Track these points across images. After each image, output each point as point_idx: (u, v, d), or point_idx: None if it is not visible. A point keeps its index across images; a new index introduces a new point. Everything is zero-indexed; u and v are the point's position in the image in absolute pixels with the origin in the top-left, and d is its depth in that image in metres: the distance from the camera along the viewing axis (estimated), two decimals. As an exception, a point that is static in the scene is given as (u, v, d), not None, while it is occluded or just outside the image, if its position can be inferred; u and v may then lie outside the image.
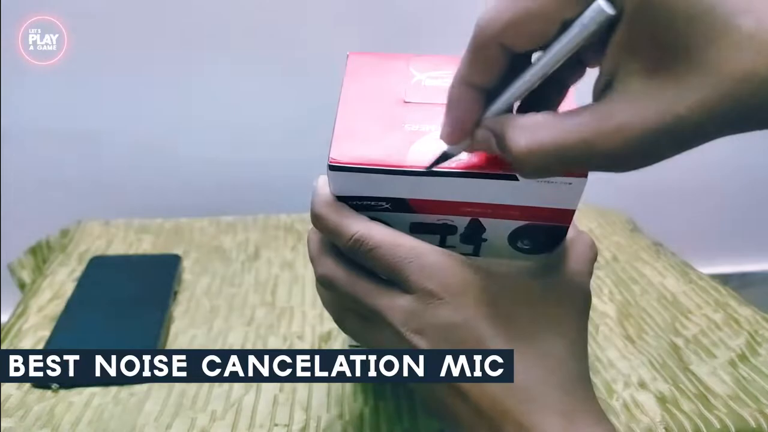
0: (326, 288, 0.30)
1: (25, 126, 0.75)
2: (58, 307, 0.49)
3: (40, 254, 0.63)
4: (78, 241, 0.60)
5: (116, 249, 0.59)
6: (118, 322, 0.46)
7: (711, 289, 0.53)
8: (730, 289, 0.53)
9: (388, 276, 0.27)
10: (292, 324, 0.49)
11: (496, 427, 0.26)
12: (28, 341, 0.46)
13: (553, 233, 0.29)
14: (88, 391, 0.41)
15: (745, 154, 0.87)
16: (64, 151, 0.78)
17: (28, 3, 0.61)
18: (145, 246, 0.60)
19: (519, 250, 0.30)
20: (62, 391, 0.40)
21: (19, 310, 0.50)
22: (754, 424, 0.38)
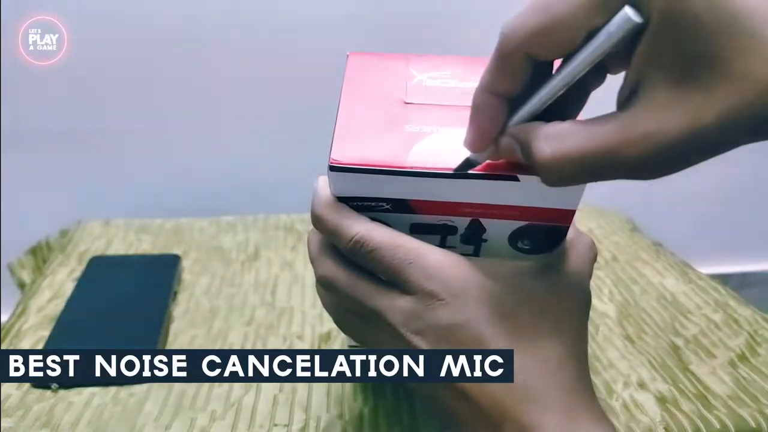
0: (326, 289, 0.30)
1: (25, 126, 0.75)
2: (57, 307, 0.49)
3: (40, 254, 0.63)
4: (78, 241, 0.60)
5: (116, 249, 0.59)
6: (118, 322, 0.46)
7: (711, 289, 0.53)
8: (730, 289, 0.53)
9: (388, 277, 0.27)
10: (292, 324, 0.49)
11: (496, 426, 0.26)
12: (27, 341, 0.46)
13: (553, 234, 0.29)
14: (88, 391, 0.41)
15: (745, 153, 0.87)
16: (64, 151, 0.78)
17: (28, 3, 0.61)
18: (145, 246, 0.60)
19: (519, 250, 0.30)
20: (62, 391, 0.41)
21: (19, 310, 0.50)
22: (753, 424, 0.38)
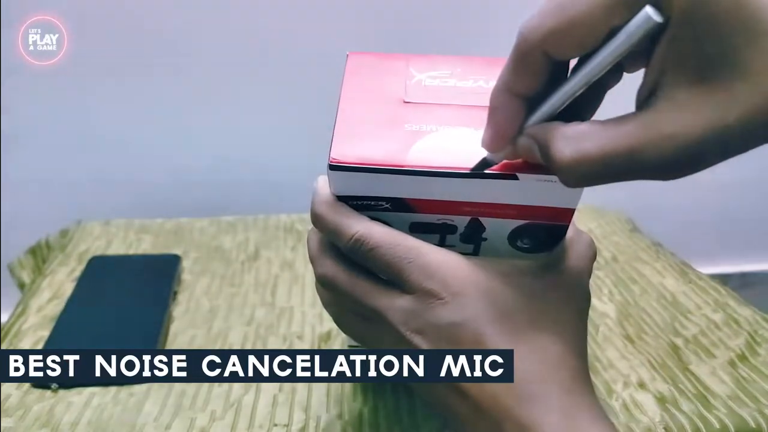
0: (326, 288, 0.30)
1: (25, 126, 0.75)
2: (57, 307, 0.49)
3: (40, 254, 0.63)
4: (78, 241, 0.60)
5: (116, 249, 0.59)
6: (118, 322, 0.46)
7: (710, 289, 0.53)
8: (730, 289, 0.53)
9: (388, 276, 0.28)
10: (292, 324, 0.49)
11: (496, 425, 0.26)
12: (27, 341, 0.46)
13: (553, 232, 0.29)
14: (88, 391, 0.41)
15: (745, 153, 0.87)
16: (64, 151, 0.78)
17: (28, 3, 0.61)
18: (145, 246, 0.60)
19: (519, 249, 0.30)
20: (62, 391, 0.41)
21: (19, 310, 0.50)
22: (753, 424, 0.38)
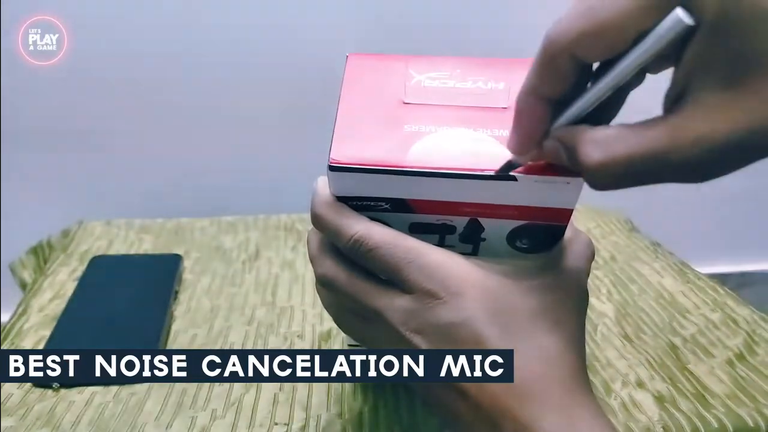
0: (326, 288, 0.30)
1: (25, 126, 0.75)
2: (58, 306, 0.49)
3: (42, 254, 0.63)
4: (79, 241, 0.60)
5: (117, 249, 0.59)
6: (120, 321, 0.47)
7: (709, 289, 0.53)
8: (728, 289, 0.53)
9: (387, 276, 0.28)
10: (292, 323, 0.49)
11: (495, 424, 0.26)
12: (28, 341, 0.46)
13: (552, 232, 0.29)
14: (89, 390, 0.41)
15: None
16: (64, 151, 0.78)
17: (28, 3, 0.62)
18: (146, 246, 0.60)
19: (517, 249, 0.30)
20: (63, 391, 0.41)
21: (20, 310, 0.50)
22: (752, 424, 0.38)
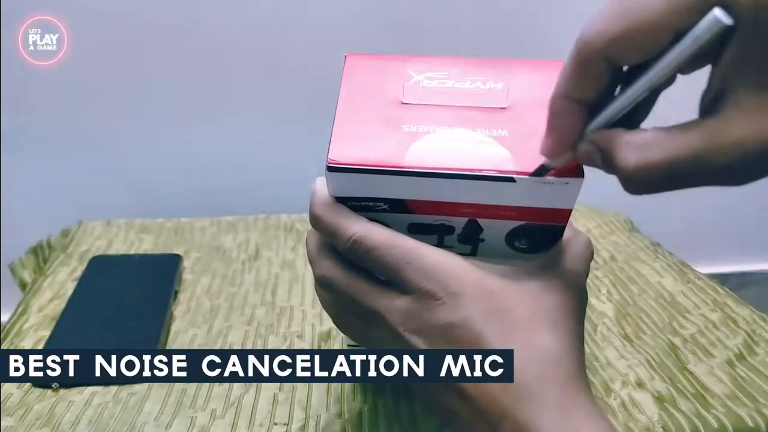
0: (325, 289, 0.30)
1: (25, 126, 0.75)
2: (58, 306, 0.49)
3: (41, 254, 0.63)
4: (79, 241, 0.60)
5: (117, 249, 0.59)
6: (119, 321, 0.47)
7: (709, 289, 0.53)
8: (728, 289, 0.53)
9: (386, 277, 0.28)
10: (292, 323, 0.49)
11: (494, 424, 0.26)
12: (28, 341, 0.46)
13: (550, 233, 0.29)
14: (89, 390, 0.41)
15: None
16: (64, 151, 0.78)
17: (28, 3, 0.62)
18: (146, 246, 0.60)
19: (516, 249, 0.30)
20: (62, 391, 0.41)
21: (20, 310, 0.50)
22: (751, 424, 0.38)
